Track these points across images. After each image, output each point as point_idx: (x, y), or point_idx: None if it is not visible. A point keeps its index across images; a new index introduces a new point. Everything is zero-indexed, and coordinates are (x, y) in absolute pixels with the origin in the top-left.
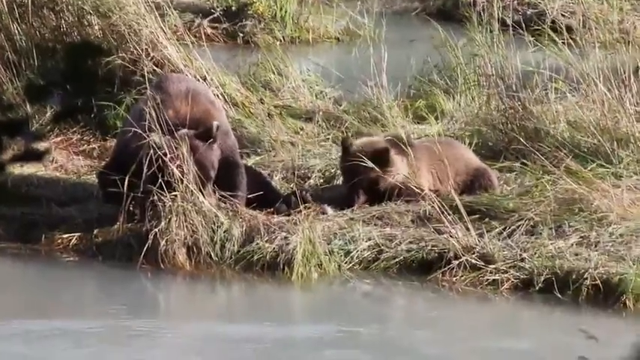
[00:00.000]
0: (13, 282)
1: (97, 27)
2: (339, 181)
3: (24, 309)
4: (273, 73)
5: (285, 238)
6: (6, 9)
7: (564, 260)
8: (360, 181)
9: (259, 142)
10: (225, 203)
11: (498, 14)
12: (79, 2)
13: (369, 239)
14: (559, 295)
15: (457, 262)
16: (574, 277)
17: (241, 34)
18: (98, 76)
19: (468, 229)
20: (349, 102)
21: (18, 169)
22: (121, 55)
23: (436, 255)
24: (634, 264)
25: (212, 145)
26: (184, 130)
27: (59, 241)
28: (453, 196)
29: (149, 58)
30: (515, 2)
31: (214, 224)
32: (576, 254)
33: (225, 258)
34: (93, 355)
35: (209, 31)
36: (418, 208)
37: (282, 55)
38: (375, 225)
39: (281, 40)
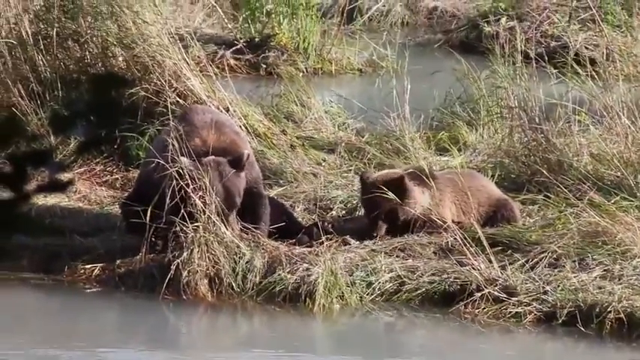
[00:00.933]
0: (36, 312)
1: (120, 58)
2: (361, 212)
3: (46, 339)
4: (296, 105)
5: (307, 269)
6: (31, 40)
7: (588, 293)
8: (379, 213)
9: (282, 173)
10: (247, 234)
11: (521, 46)
12: (104, 34)
13: (391, 271)
14: (582, 329)
15: (479, 294)
16: (597, 310)
17: (264, 66)
18: (122, 107)
19: (490, 261)
20: (372, 133)
21: (42, 200)
22: (144, 86)
23: (458, 287)
24: None
25: (240, 173)
26: (212, 157)
27: (82, 271)
28: (475, 228)
29: (172, 89)
30: (539, 35)
31: (236, 255)
32: (600, 287)
33: (246, 289)
34: None
35: (232, 62)
36: (440, 240)
37: (305, 87)
38: (397, 257)
39: (304, 72)
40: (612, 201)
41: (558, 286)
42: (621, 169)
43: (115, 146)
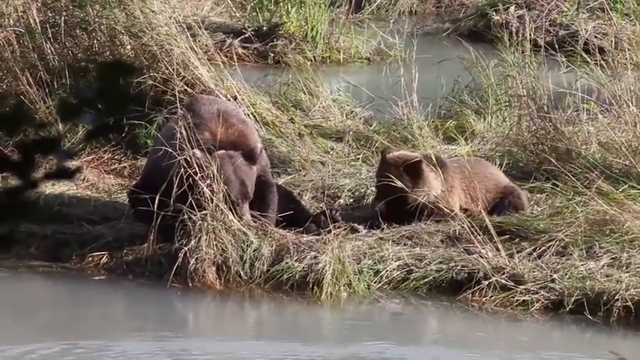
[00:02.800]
0: (44, 300)
1: (128, 47)
2: (369, 200)
3: (54, 326)
4: (304, 93)
5: (315, 257)
6: (39, 29)
7: (595, 281)
8: (389, 197)
9: (289, 162)
10: (255, 222)
11: (530, 35)
12: (112, 22)
13: (399, 259)
14: (590, 317)
15: (487, 282)
16: (605, 298)
17: (272, 54)
18: (130, 95)
19: (498, 249)
20: (380, 122)
21: (49, 188)
22: (152, 74)
23: (466, 275)
24: None
25: (252, 165)
26: (223, 151)
27: (90, 259)
28: (483, 216)
29: (180, 77)
30: (548, 23)
31: (244, 243)
32: (607, 275)
33: (254, 277)
34: None
35: (240, 51)
36: (448, 228)
37: (313, 75)
38: (404, 245)
39: (312, 60)
40: (620, 189)
41: (566, 274)
42: (629, 157)
43: (123, 134)
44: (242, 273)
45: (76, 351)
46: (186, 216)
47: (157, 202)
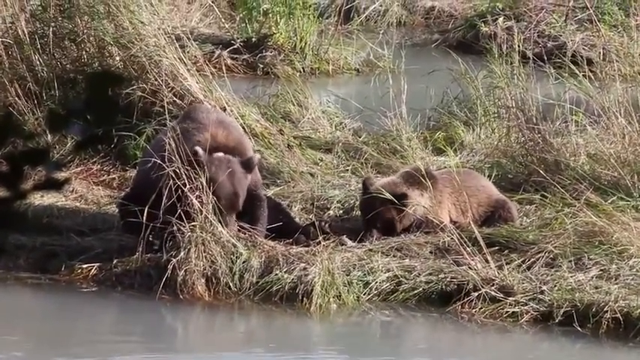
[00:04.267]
0: (33, 311)
1: (117, 58)
2: (359, 212)
3: (43, 338)
4: (293, 105)
5: (304, 269)
6: (28, 40)
7: (584, 293)
8: (376, 222)
9: (279, 173)
10: (244, 234)
11: (518, 46)
12: (100, 33)
13: (388, 270)
14: (579, 329)
15: (476, 294)
16: (594, 310)
17: (261, 66)
18: (119, 106)
19: (487, 261)
20: (369, 133)
21: (38, 200)
22: (141, 85)
23: (455, 287)
24: None
25: (247, 175)
26: (222, 154)
27: (79, 271)
28: (472, 228)
29: (169, 89)
30: (536, 35)
31: (233, 255)
32: (596, 287)
33: (243, 289)
34: None
35: (229, 62)
36: (437, 240)
37: (302, 87)
38: (394, 256)
39: (301, 72)
40: (609, 201)
41: (555, 285)
42: (618, 169)
43: (112, 146)
44: (231, 285)
45: None
46: (175, 227)
47: (145, 213)
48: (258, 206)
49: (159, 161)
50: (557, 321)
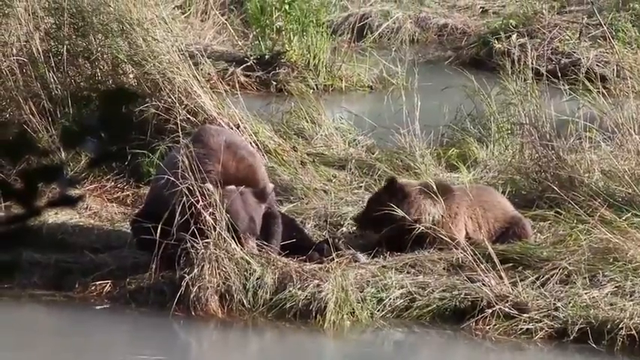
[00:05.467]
0: (47, 328)
1: (131, 75)
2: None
3: (57, 355)
4: (306, 121)
5: (318, 285)
6: (42, 58)
7: (599, 310)
8: (386, 223)
9: (292, 190)
10: (258, 251)
11: (532, 63)
12: (114, 51)
13: (402, 287)
14: (594, 345)
15: (490, 310)
16: (609, 327)
17: (274, 83)
18: (132, 123)
19: (501, 277)
20: (382, 150)
21: (52, 217)
22: (154, 103)
23: (469, 303)
24: None
25: (262, 204)
26: (234, 187)
27: (92, 288)
28: (486, 245)
29: (183, 106)
30: (549, 51)
31: (247, 271)
32: (611, 304)
33: (257, 305)
34: None
35: (242, 79)
36: (451, 257)
37: (315, 103)
38: (407, 273)
39: (314, 89)
40: (623, 217)
41: (569, 302)
42: (632, 185)
43: (126, 163)
44: (245, 301)
45: None
46: (189, 244)
47: (159, 230)
48: (273, 223)
49: (172, 178)
50: (571, 338)
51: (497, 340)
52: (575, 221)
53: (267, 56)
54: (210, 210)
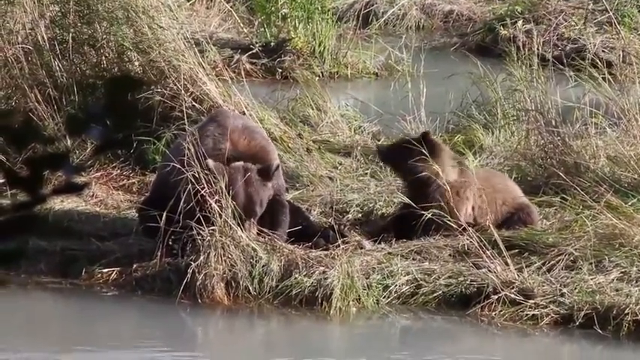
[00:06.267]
0: (53, 316)
1: (137, 63)
2: (378, 215)
3: (63, 342)
4: (312, 108)
5: (324, 272)
6: (47, 46)
7: (605, 296)
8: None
9: (298, 177)
10: (264, 238)
11: (538, 49)
12: (120, 39)
13: (408, 274)
14: (600, 331)
15: (496, 296)
16: (615, 312)
17: (280, 70)
18: (138, 110)
19: (507, 263)
20: (388, 137)
21: (58, 204)
22: (160, 90)
23: (475, 290)
24: None
25: (266, 182)
26: (241, 163)
27: (99, 275)
28: (491, 231)
29: (188, 93)
30: (555, 37)
31: (253, 259)
32: (617, 290)
33: (263, 292)
34: None
35: (248, 66)
36: (457, 243)
37: (321, 91)
38: (413, 259)
39: (319, 76)
40: (629, 203)
41: (575, 288)
42: (638, 171)
43: (132, 150)
44: (251, 288)
45: None
46: (194, 232)
47: (164, 218)
48: (280, 212)
49: (178, 165)
50: (577, 324)
51: (503, 326)
52: (580, 207)
53: (272, 43)
54: (216, 197)
